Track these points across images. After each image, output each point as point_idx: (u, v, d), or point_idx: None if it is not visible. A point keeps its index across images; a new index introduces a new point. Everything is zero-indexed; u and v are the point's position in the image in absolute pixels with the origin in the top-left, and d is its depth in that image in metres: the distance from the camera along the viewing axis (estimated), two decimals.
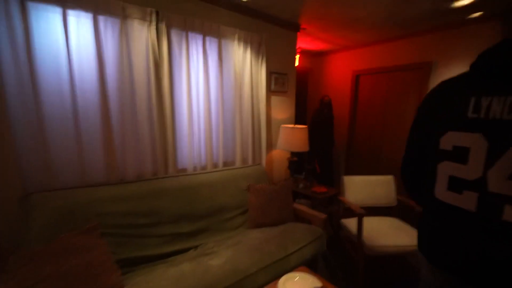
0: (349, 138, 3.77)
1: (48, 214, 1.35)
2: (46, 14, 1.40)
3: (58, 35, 1.43)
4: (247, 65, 2.31)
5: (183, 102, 1.98)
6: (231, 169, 2.24)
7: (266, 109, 2.53)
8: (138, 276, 1.38)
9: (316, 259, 1.86)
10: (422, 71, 2.86)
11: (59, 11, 1.42)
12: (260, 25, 2.41)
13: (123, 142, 1.72)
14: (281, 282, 1.26)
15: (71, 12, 1.46)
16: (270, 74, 2.60)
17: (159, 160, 1.88)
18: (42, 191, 1.43)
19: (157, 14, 1.74)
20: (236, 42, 2.20)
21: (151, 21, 1.71)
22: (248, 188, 2.13)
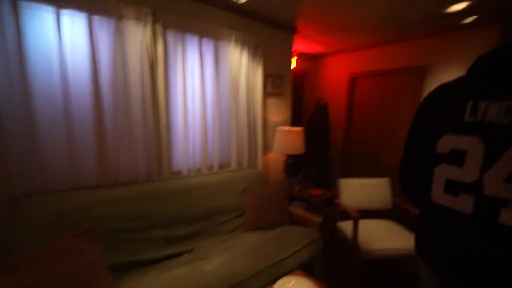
0: (345, 140, 3.78)
1: (38, 217, 1.31)
2: (39, 13, 1.37)
3: (51, 35, 1.41)
4: (243, 67, 2.30)
5: (178, 104, 1.96)
6: (226, 171, 2.22)
7: (262, 111, 2.52)
8: (131, 281, 1.35)
9: (312, 262, 1.85)
10: (417, 75, 2.89)
11: (52, 10, 1.39)
12: (257, 27, 2.41)
13: (117, 144, 1.69)
14: (277, 286, 1.24)
15: (65, 12, 1.43)
16: (266, 76, 2.60)
17: (153, 163, 1.85)
18: (33, 194, 1.40)
19: (153, 14, 1.72)
20: (233, 43, 2.19)
21: (147, 21, 1.70)
22: (244, 191, 2.11)
